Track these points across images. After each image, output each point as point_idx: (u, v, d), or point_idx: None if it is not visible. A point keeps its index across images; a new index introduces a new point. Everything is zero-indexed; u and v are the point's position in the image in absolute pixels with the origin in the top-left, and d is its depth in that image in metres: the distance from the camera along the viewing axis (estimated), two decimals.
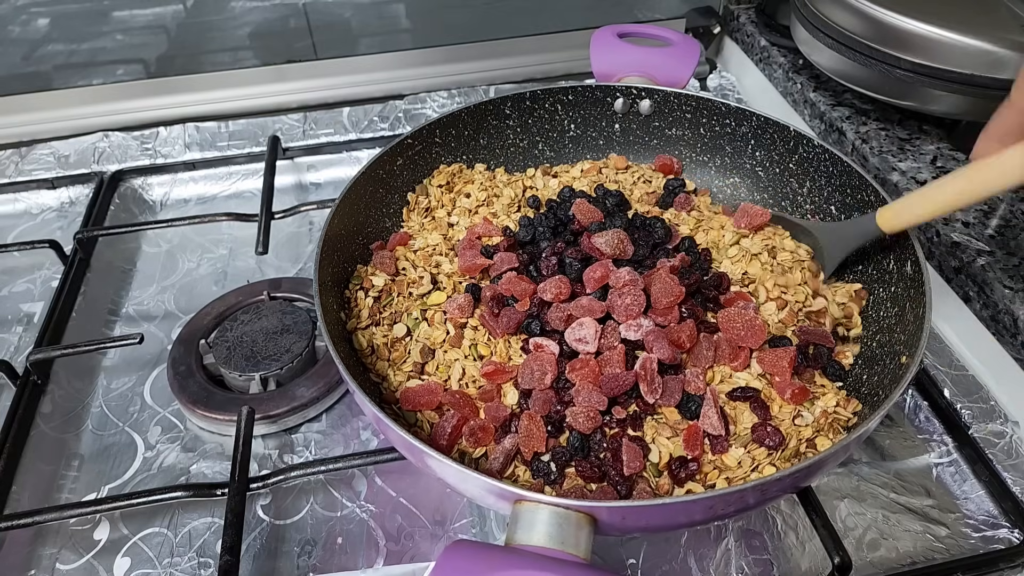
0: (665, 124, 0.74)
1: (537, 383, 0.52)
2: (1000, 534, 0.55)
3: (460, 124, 0.71)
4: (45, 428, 0.64)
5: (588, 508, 0.40)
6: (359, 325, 0.58)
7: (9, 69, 0.98)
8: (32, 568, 0.55)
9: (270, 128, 0.93)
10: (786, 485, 0.44)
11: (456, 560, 0.38)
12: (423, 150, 0.69)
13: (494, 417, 0.52)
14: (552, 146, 0.76)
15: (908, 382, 0.46)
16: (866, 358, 0.56)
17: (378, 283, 0.61)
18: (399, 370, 0.56)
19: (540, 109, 0.74)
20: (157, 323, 0.74)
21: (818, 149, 0.64)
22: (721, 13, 1.09)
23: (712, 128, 0.72)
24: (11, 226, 0.86)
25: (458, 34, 1.05)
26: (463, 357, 0.56)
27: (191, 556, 0.55)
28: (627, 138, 0.76)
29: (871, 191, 0.59)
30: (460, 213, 0.68)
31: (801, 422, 0.51)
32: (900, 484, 0.59)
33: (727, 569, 0.54)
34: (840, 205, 0.64)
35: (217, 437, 0.63)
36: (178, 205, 0.90)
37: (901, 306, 0.55)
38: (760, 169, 0.71)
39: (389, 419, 0.45)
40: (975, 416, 0.60)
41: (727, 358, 0.54)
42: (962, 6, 0.71)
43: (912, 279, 0.54)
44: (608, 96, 0.74)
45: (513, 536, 0.40)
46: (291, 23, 1.01)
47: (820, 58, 0.81)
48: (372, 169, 0.64)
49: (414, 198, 0.69)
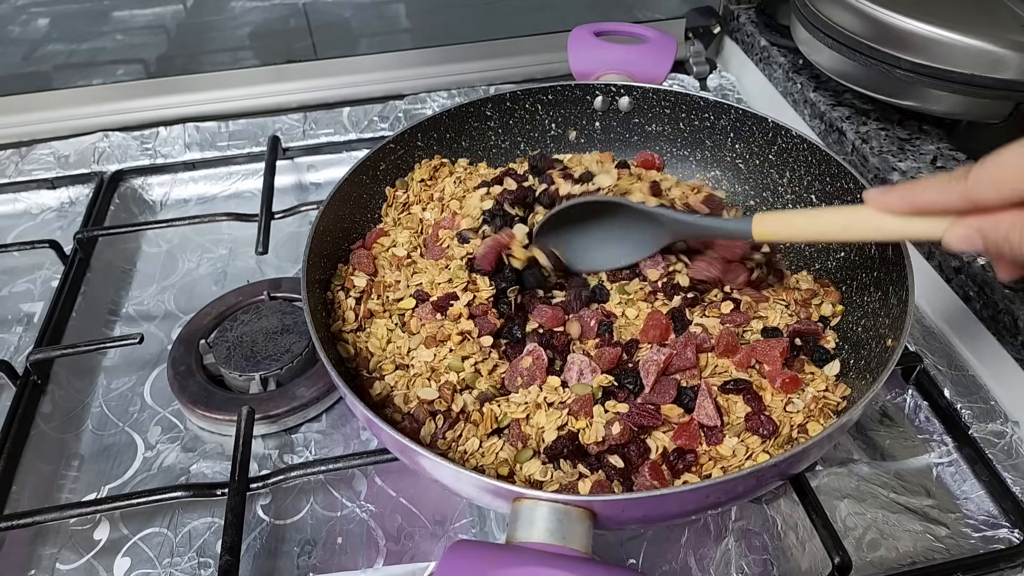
0: (645, 120, 0.75)
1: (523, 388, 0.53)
2: (1000, 534, 0.55)
3: (441, 127, 0.71)
4: (45, 428, 0.64)
5: (587, 503, 0.40)
6: (344, 328, 0.58)
7: (9, 69, 0.98)
8: (32, 568, 0.55)
9: (270, 128, 0.93)
10: (780, 470, 0.44)
11: (458, 560, 0.38)
12: (405, 154, 0.69)
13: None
14: (534, 146, 0.76)
15: (894, 363, 0.47)
16: (852, 343, 0.57)
17: (360, 283, 0.60)
18: (383, 369, 0.56)
19: (520, 110, 0.74)
20: (157, 323, 0.74)
21: (796, 139, 0.65)
22: (721, 13, 1.09)
23: (691, 123, 0.73)
24: (11, 226, 0.86)
25: (458, 34, 1.05)
26: (436, 358, 0.55)
27: (191, 556, 0.55)
28: (608, 135, 0.76)
29: (849, 178, 0.60)
30: (433, 208, 0.67)
31: (792, 408, 0.52)
32: (900, 484, 0.59)
33: (727, 569, 0.54)
34: (820, 194, 0.64)
35: (217, 437, 0.63)
36: (178, 205, 0.90)
37: (884, 290, 0.56)
38: (740, 161, 0.71)
39: (381, 420, 0.45)
40: (975, 416, 0.60)
41: (725, 352, 0.55)
42: (962, 6, 0.71)
43: (894, 263, 0.54)
44: (587, 94, 0.74)
45: (513, 534, 0.40)
46: (291, 23, 1.02)
47: (820, 58, 0.81)
48: (355, 174, 0.64)
49: (392, 192, 0.68)
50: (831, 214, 0.49)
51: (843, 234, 0.47)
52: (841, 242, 0.62)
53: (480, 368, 0.54)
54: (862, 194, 0.44)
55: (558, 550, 0.39)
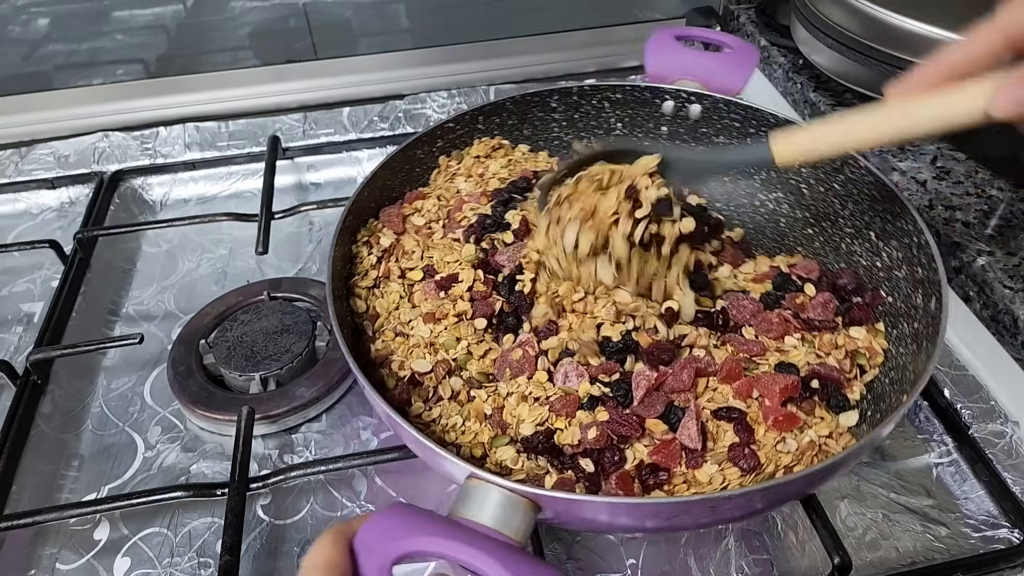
0: (713, 131, 0.72)
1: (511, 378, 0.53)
2: (1000, 534, 0.55)
3: (504, 112, 0.71)
4: (45, 428, 0.64)
5: (532, 495, 0.41)
6: (360, 283, 0.59)
7: (9, 69, 0.98)
8: (32, 568, 0.55)
9: (270, 128, 0.93)
10: (736, 506, 0.43)
11: (391, 518, 0.38)
12: (464, 134, 0.69)
13: None
14: (597, 142, 0.75)
15: (894, 421, 0.44)
16: (876, 395, 0.54)
17: (384, 243, 0.61)
18: (385, 335, 0.57)
19: (587, 105, 0.73)
20: (157, 323, 0.74)
21: (863, 170, 0.61)
22: (721, 13, 1.09)
23: (759, 139, 0.70)
24: (11, 226, 0.86)
25: (458, 34, 1.06)
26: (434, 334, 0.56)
27: (191, 556, 0.55)
28: (673, 141, 0.74)
29: (910, 219, 0.56)
30: (474, 182, 0.67)
31: (783, 448, 0.49)
32: (900, 484, 0.59)
33: (727, 569, 0.54)
34: (880, 231, 0.60)
35: (217, 437, 0.63)
36: (178, 205, 0.90)
37: (919, 344, 0.53)
38: (804, 186, 0.67)
39: (398, 415, 0.45)
40: (975, 416, 0.60)
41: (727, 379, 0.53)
42: (962, 6, 0.71)
43: (933, 316, 0.52)
44: (657, 97, 0.72)
45: (456, 509, 0.41)
46: (291, 23, 1.02)
47: (820, 58, 0.81)
48: (410, 147, 0.65)
49: (445, 162, 0.68)
50: (856, 116, 0.44)
51: (874, 136, 0.43)
52: (873, 147, 0.53)
53: (472, 351, 0.55)
54: (884, 89, 0.40)
55: (494, 535, 0.39)
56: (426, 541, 0.37)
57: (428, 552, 0.37)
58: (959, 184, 0.74)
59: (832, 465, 0.42)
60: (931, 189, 0.73)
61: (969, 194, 0.72)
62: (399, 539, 0.37)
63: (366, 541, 0.38)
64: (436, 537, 0.37)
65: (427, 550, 0.37)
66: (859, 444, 0.43)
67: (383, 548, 0.37)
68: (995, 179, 0.74)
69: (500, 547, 0.37)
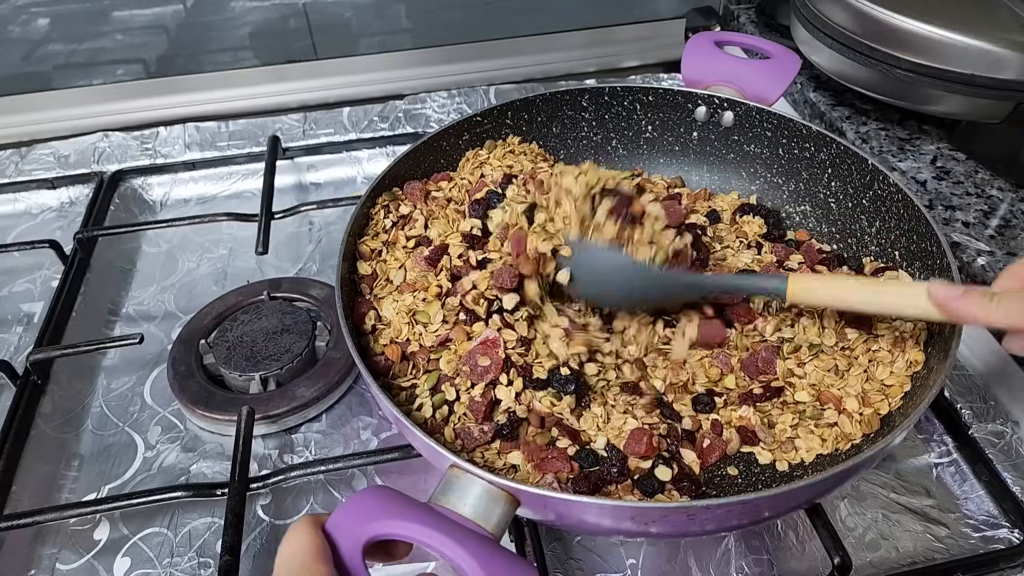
0: (744, 139, 0.71)
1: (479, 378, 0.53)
2: (1000, 534, 0.55)
3: (534, 109, 0.71)
4: (45, 428, 0.64)
5: (514, 490, 0.41)
6: (369, 245, 0.60)
7: (9, 69, 0.98)
8: (32, 568, 0.55)
9: (270, 128, 0.93)
10: (718, 516, 0.43)
11: (367, 500, 0.38)
12: (492, 129, 0.69)
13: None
14: (626, 145, 0.74)
15: (906, 429, 0.45)
16: (889, 425, 0.53)
17: (405, 211, 0.62)
18: (381, 303, 0.58)
19: (618, 106, 0.73)
20: (157, 323, 0.74)
21: (892, 188, 0.61)
22: (721, 13, 1.09)
23: (791, 151, 0.69)
24: (11, 226, 0.86)
25: (458, 34, 1.06)
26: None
27: (191, 556, 0.55)
28: (704, 147, 0.73)
29: (935, 241, 0.55)
30: (499, 172, 0.66)
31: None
32: (900, 484, 0.59)
33: (727, 569, 0.54)
34: (904, 251, 0.60)
35: (217, 437, 0.63)
36: (178, 205, 0.90)
37: (929, 367, 0.53)
38: (833, 201, 0.67)
39: (406, 418, 0.45)
40: (975, 416, 0.60)
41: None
42: (962, 6, 0.71)
43: (947, 335, 0.51)
44: (690, 102, 0.71)
45: (435, 496, 0.41)
46: (291, 23, 1.02)
47: (820, 58, 0.81)
48: (435, 139, 0.65)
49: (474, 153, 0.68)
50: (885, 287, 0.50)
51: (896, 311, 0.49)
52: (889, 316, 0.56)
53: (453, 340, 0.55)
54: (928, 287, 0.45)
55: (471, 525, 0.39)
56: (398, 525, 0.37)
57: (400, 536, 0.37)
58: (959, 184, 0.74)
59: (843, 472, 0.42)
60: (931, 189, 0.73)
61: (969, 194, 0.72)
62: (372, 521, 0.37)
63: (338, 523, 0.37)
64: (410, 522, 0.37)
65: (399, 534, 0.37)
66: (870, 452, 0.43)
67: (355, 530, 0.37)
68: (995, 179, 0.74)
69: (473, 538, 0.37)
